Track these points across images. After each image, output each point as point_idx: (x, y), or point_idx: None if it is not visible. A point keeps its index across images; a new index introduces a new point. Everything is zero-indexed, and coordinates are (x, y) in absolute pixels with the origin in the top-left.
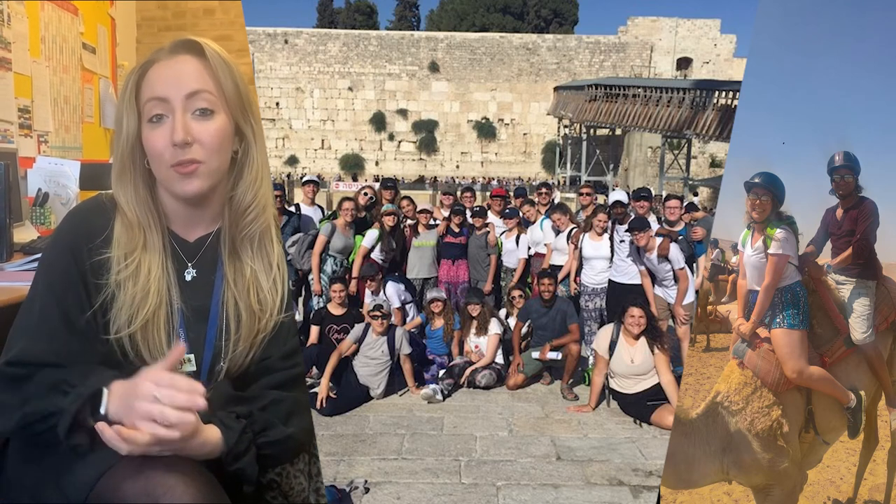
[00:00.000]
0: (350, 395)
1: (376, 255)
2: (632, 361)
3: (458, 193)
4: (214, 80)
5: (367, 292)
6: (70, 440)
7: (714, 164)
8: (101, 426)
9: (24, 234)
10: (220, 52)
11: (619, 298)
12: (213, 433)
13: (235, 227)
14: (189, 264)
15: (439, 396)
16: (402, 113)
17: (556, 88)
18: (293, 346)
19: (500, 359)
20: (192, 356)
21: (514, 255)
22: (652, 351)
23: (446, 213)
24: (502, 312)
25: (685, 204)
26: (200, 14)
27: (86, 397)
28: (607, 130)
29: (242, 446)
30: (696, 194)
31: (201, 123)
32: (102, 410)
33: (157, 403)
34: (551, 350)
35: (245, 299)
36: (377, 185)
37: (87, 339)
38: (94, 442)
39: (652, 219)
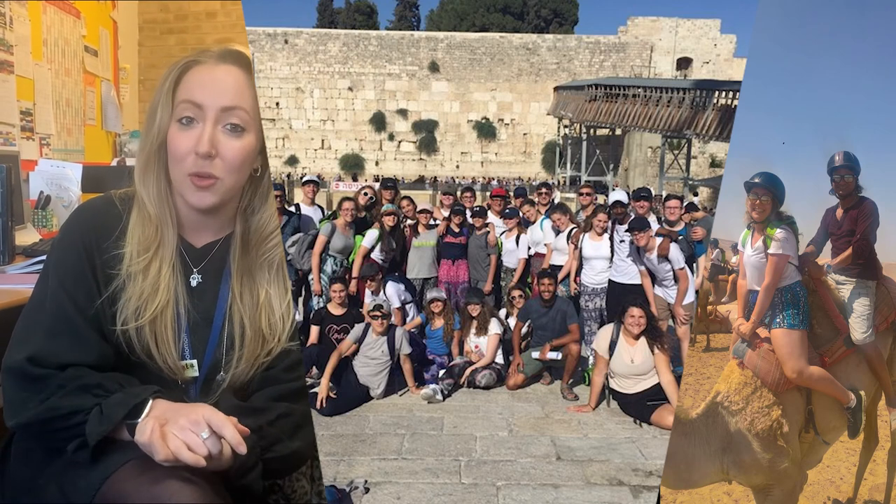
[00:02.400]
0: (350, 395)
1: (376, 255)
2: (632, 361)
3: (458, 193)
4: (252, 98)
5: (367, 292)
6: (93, 444)
7: (714, 164)
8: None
9: (26, 236)
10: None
11: (619, 298)
12: (224, 449)
13: (256, 250)
14: (195, 270)
15: (439, 396)
16: (402, 113)
17: (556, 88)
18: (296, 358)
19: (500, 359)
20: (194, 362)
21: (514, 255)
22: (652, 351)
23: (446, 213)
24: (502, 312)
25: (685, 204)
26: (203, 17)
27: (131, 406)
28: (607, 130)
29: (251, 462)
30: (696, 194)
31: (229, 139)
32: (140, 419)
33: (198, 437)
34: (551, 350)
35: (253, 319)
36: (377, 185)
37: (100, 333)
38: (101, 451)
39: (652, 219)
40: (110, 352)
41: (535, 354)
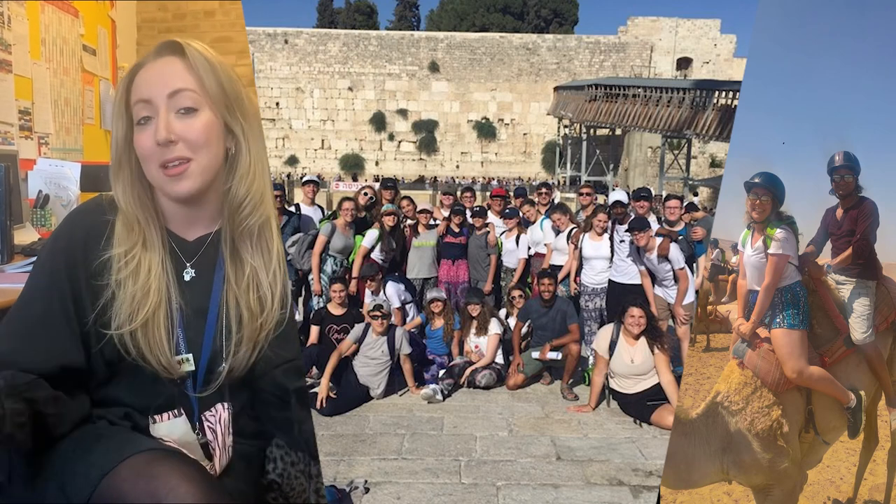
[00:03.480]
0: (350, 395)
1: (376, 255)
2: (632, 361)
3: (458, 193)
4: (196, 78)
5: (367, 292)
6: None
7: (714, 164)
8: None
9: (25, 235)
10: (202, 50)
11: (619, 298)
12: None
13: (233, 222)
14: (188, 264)
15: (439, 396)
16: (402, 113)
17: (556, 88)
18: (297, 365)
19: (500, 359)
20: (190, 356)
21: (514, 255)
22: (652, 351)
23: (446, 213)
24: (502, 312)
25: (685, 204)
26: (201, 16)
27: None
28: (607, 130)
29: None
30: (696, 194)
31: (185, 121)
32: None
33: None
34: (551, 350)
35: (245, 298)
36: (377, 185)
37: (74, 342)
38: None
39: (652, 219)
40: (79, 361)
41: (535, 354)
